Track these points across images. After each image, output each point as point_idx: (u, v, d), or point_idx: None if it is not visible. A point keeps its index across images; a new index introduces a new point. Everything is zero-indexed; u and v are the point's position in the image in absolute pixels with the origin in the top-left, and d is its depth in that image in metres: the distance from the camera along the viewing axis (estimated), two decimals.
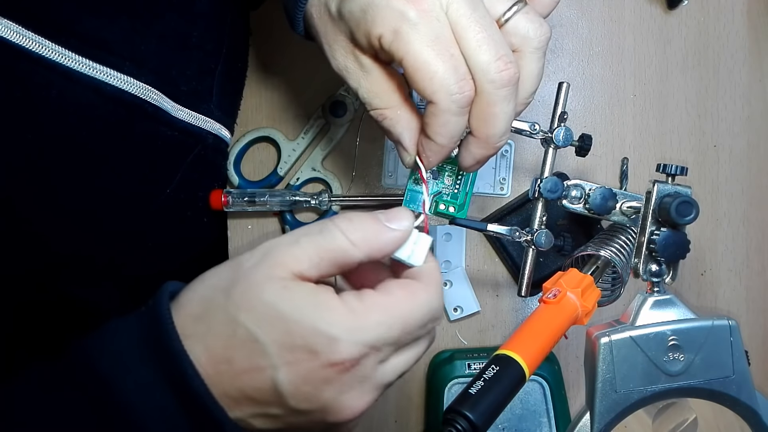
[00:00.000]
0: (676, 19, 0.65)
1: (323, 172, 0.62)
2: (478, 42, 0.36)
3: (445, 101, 0.36)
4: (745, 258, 0.64)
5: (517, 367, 0.35)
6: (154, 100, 0.47)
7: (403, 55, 0.36)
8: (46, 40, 0.40)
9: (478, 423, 0.32)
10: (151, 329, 0.34)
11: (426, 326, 0.36)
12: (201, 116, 0.53)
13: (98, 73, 0.43)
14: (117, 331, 0.34)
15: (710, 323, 0.42)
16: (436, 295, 0.36)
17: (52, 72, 0.40)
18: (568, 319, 0.39)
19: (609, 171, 0.64)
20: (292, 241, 0.35)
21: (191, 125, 0.52)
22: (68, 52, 0.41)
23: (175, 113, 0.50)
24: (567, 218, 0.59)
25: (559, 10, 0.64)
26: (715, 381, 0.42)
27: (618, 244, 0.48)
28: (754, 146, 0.65)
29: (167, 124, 0.49)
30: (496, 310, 0.63)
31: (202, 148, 0.54)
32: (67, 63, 0.41)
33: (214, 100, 0.55)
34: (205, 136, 0.54)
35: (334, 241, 0.35)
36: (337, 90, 0.62)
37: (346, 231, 0.35)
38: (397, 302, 0.35)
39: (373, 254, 0.36)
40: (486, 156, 0.40)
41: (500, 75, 0.36)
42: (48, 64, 0.40)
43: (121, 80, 0.44)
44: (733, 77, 0.64)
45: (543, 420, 0.59)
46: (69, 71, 0.41)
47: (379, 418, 0.63)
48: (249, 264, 0.34)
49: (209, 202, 0.59)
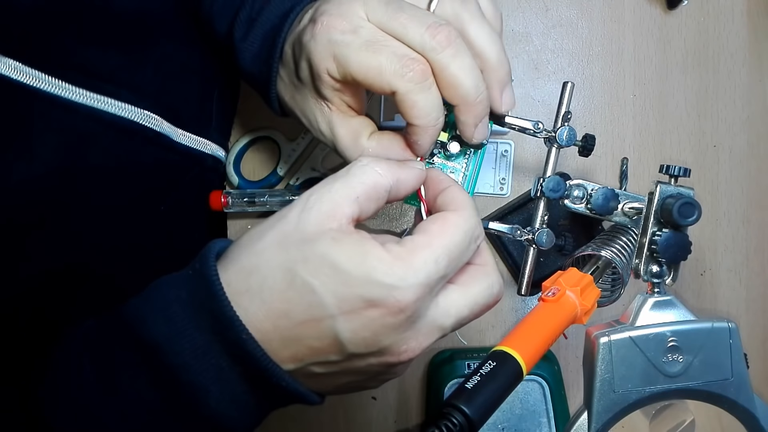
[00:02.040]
0: (676, 19, 0.65)
1: (323, 171, 0.62)
2: (403, 25, 0.38)
3: (401, 84, 0.37)
4: (745, 258, 0.64)
5: (514, 363, 0.35)
6: (155, 126, 0.49)
7: (351, 71, 0.38)
8: (43, 74, 0.42)
9: (474, 417, 0.32)
10: (201, 294, 0.34)
11: (470, 247, 0.37)
12: (202, 140, 0.55)
13: (96, 102, 0.45)
14: (167, 295, 0.35)
15: (710, 325, 0.42)
16: (469, 215, 0.37)
17: (51, 105, 0.42)
18: (566, 318, 0.39)
19: (609, 171, 0.64)
20: (326, 189, 0.35)
21: (193, 149, 0.54)
22: (65, 84, 0.43)
23: (177, 138, 0.51)
24: (568, 218, 0.59)
25: (559, 10, 0.64)
26: (714, 383, 0.42)
27: (619, 244, 0.48)
28: (754, 146, 0.65)
29: (169, 149, 0.51)
30: (496, 309, 0.63)
31: (200, 170, 0.56)
32: (65, 94, 0.43)
33: (214, 123, 0.57)
34: (205, 158, 0.56)
35: (363, 174, 0.36)
36: None
37: (371, 163, 0.36)
38: (435, 236, 0.35)
39: (399, 185, 0.37)
40: (477, 116, 0.41)
41: (436, 40, 0.38)
42: (47, 97, 0.42)
43: (119, 107, 0.46)
44: (733, 77, 0.64)
45: (543, 420, 0.59)
46: (67, 102, 0.43)
47: (379, 417, 0.63)
48: (294, 218, 0.35)
49: (208, 205, 0.59)
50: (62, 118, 0.43)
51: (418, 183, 0.39)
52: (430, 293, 0.35)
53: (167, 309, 0.34)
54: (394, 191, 0.37)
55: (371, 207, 0.36)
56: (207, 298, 0.34)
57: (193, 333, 0.33)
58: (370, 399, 0.63)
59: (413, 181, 0.38)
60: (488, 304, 0.38)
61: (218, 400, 0.34)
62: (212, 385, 0.34)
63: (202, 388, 0.34)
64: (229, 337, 0.33)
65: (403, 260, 0.34)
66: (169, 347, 0.33)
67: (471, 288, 0.37)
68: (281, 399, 0.36)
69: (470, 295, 0.37)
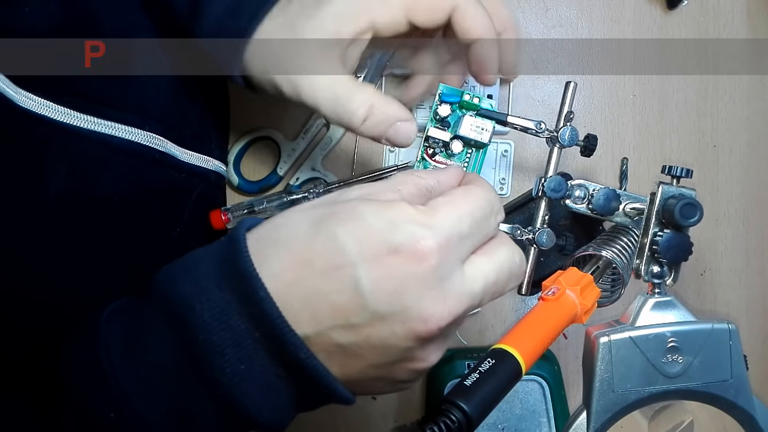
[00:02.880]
0: (676, 19, 0.65)
1: (323, 171, 0.62)
2: None
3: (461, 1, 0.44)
4: (745, 258, 0.64)
5: (513, 361, 0.35)
6: (161, 147, 0.50)
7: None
8: (54, 105, 0.43)
9: (472, 414, 0.32)
10: (227, 252, 0.34)
11: (491, 219, 0.37)
12: (204, 156, 0.55)
13: (104, 127, 0.46)
14: (198, 258, 0.35)
15: (710, 326, 0.42)
16: (490, 189, 0.39)
17: (63, 133, 0.44)
18: (566, 317, 0.39)
19: (609, 171, 0.64)
20: (369, 184, 0.38)
21: (197, 166, 0.54)
22: (74, 112, 0.44)
23: (182, 157, 0.52)
24: (569, 218, 0.59)
25: (559, 10, 0.64)
26: (713, 384, 0.42)
27: (619, 245, 0.48)
28: (754, 146, 0.65)
29: (175, 168, 0.52)
30: (496, 310, 0.63)
31: (204, 186, 0.56)
32: (75, 122, 0.44)
33: (214, 140, 0.58)
34: (209, 174, 0.56)
35: (405, 177, 0.38)
36: None
37: (411, 172, 0.40)
38: (457, 197, 0.37)
39: (440, 186, 0.39)
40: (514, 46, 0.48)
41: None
42: (59, 126, 0.44)
43: (126, 131, 0.47)
44: (733, 77, 0.64)
45: (542, 420, 0.59)
46: (77, 130, 0.44)
47: (379, 418, 0.63)
48: (332, 195, 0.37)
49: (210, 224, 0.58)
50: (75, 144, 0.44)
51: (457, 181, 0.41)
52: (454, 251, 0.34)
53: (195, 269, 0.34)
54: (436, 191, 0.39)
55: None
56: (230, 255, 0.34)
57: (214, 290, 0.33)
58: (370, 399, 0.63)
59: (453, 180, 0.40)
60: (513, 271, 0.38)
61: (234, 368, 0.33)
62: (229, 348, 0.33)
63: (218, 349, 0.33)
64: (247, 294, 0.33)
65: (426, 213, 0.34)
66: (191, 305, 0.33)
67: (494, 254, 0.37)
68: (303, 385, 0.35)
69: (495, 260, 0.37)
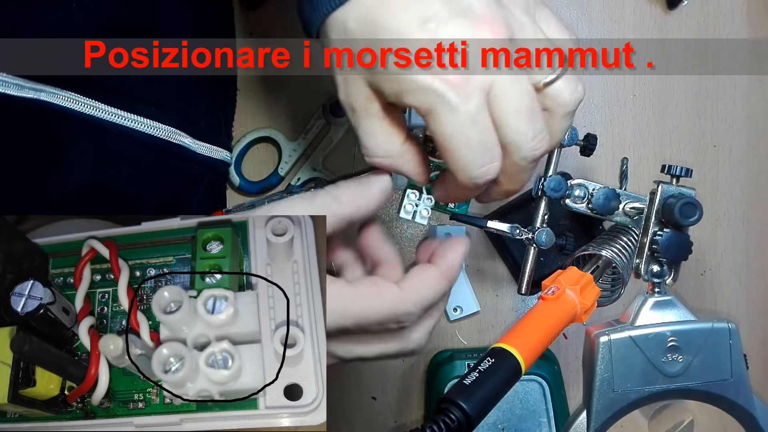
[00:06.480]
0: (676, 19, 0.65)
1: (324, 172, 0.62)
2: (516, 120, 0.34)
3: (464, 180, 0.35)
4: (745, 258, 0.65)
5: (512, 360, 0.35)
6: (177, 140, 0.50)
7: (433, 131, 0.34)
8: (84, 98, 0.45)
9: (471, 413, 0.32)
10: None
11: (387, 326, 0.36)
12: (213, 146, 0.56)
13: (129, 121, 0.47)
14: None
15: (710, 325, 0.42)
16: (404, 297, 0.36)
17: (91, 128, 0.45)
18: (566, 316, 0.39)
19: (609, 171, 0.64)
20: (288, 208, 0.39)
21: (209, 158, 0.55)
22: (101, 104, 0.46)
23: (196, 149, 0.53)
24: (569, 218, 0.59)
25: (559, 10, 0.64)
26: (713, 383, 0.42)
27: (619, 244, 0.48)
28: (754, 146, 0.65)
29: (189, 160, 0.52)
30: (496, 309, 0.63)
31: (213, 176, 0.57)
32: (103, 116, 0.46)
33: (224, 129, 0.58)
34: (217, 164, 0.56)
35: (321, 200, 0.37)
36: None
37: (329, 189, 0.38)
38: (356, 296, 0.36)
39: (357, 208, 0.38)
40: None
41: (533, 153, 0.35)
42: (87, 121, 0.45)
43: (147, 125, 0.48)
44: (733, 77, 0.64)
45: (543, 420, 0.59)
46: (105, 123, 0.46)
47: (379, 418, 0.63)
48: None
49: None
50: (98, 137, 0.46)
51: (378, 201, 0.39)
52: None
53: None
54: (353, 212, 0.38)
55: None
56: None
57: None
58: (371, 399, 0.63)
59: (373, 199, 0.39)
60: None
61: None
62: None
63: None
64: None
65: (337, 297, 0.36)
66: None
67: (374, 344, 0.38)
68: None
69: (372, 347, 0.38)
